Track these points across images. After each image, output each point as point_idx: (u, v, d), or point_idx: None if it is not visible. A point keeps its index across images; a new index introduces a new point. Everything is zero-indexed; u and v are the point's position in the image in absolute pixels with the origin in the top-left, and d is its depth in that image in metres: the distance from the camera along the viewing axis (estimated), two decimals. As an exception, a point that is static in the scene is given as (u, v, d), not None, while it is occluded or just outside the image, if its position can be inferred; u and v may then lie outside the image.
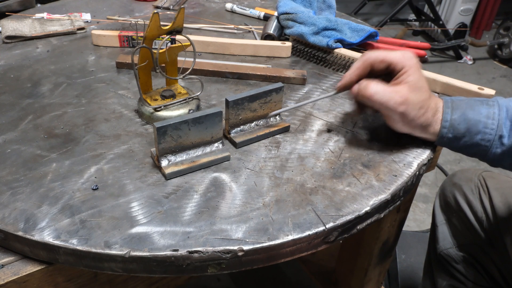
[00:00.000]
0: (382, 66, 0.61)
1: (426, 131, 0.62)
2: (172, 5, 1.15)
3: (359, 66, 0.61)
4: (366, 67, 0.61)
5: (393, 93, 0.58)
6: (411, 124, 0.60)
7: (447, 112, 0.60)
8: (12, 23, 0.94)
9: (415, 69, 0.59)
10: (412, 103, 0.58)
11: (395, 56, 0.60)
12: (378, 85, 0.59)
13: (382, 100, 0.58)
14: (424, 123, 0.60)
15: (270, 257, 0.50)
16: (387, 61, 0.60)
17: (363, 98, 0.60)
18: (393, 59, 0.60)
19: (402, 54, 0.60)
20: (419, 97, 0.59)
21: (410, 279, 1.35)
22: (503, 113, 0.60)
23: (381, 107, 0.59)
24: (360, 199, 0.55)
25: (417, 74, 0.59)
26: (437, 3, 3.24)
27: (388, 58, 0.60)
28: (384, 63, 0.60)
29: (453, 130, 0.60)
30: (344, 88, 0.63)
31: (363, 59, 0.61)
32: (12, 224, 0.49)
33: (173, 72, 0.71)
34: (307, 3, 0.98)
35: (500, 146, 0.60)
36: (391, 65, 0.60)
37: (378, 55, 0.61)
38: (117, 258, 0.47)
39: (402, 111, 0.58)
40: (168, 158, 0.58)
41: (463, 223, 0.93)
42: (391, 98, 0.58)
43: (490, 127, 0.59)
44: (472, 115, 0.60)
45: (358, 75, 0.61)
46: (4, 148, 0.61)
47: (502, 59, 3.05)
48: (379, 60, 0.60)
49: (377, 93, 0.58)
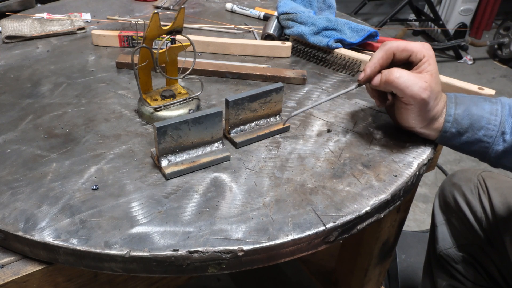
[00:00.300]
0: (403, 55, 0.61)
1: (431, 125, 0.62)
2: (172, 5, 1.15)
3: (382, 55, 0.60)
4: (388, 56, 0.61)
5: (417, 79, 0.58)
6: (426, 114, 0.60)
7: (451, 107, 0.61)
8: (12, 23, 0.94)
9: (433, 59, 0.60)
10: (433, 91, 0.58)
11: (416, 46, 0.60)
12: (402, 70, 0.59)
13: (407, 83, 0.57)
14: (436, 115, 0.61)
15: (270, 257, 0.50)
16: (408, 50, 0.60)
17: (387, 83, 0.59)
18: (414, 48, 0.60)
19: (422, 44, 0.61)
20: (437, 86, 0.59)
21: (410, 279, 1.35)
22: (505, 110, 0.60)
23: (405, 91, 0.58)
24: (360, 199, 0.55)
25: (435, 64, 0.60)
26: (437, 3, 3.24)
27: (410, 47, 0.60)
28: (405, 52, 0.60)
29: (456, 124, 0.60)
30: (367, 79, 0.62)
31: (385, 48, 0.61)
32: (12, 224, 0.49)
33: (173, 72, 0.71)
34: (307, 3, 0.98)
35: (502, 143, 0.60)
36: (412, 54, 0.60)
37: (400, 44, 0.60)
38: (117, 258, 0.47)
39: (425, 97, 0.58)
40: (168, 158, 0.58)
41: (463, 223, 0.94)
42: (416, 83, 0.58)
43: (493, 123, 0.60)
44: (475, 110, 0.60)
45: (381, 64, 0.61)
46: (4, 148, 0.61)
47: (502, 59, 3.05)
48: (400, 49, 0.60)
49: (402, 76, 0.58)
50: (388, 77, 0.58)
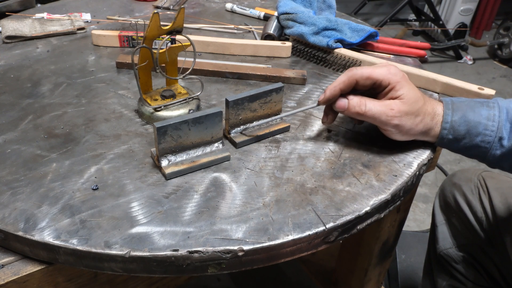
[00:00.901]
0: (367, 83, 0.61)
1: (427, 135, 0.62)
2: (172, 5, 1.15)
3: (344, 80, 0.61)
4: (351, 82, 0.61)
5: (384, 107, 0.59)
6: (410, 133, 0.60)
7: (448, 114, 0.60)
8: (12, 23, 0.94)
9: (402, 82, 0.60)
10: (406, 114, 0.59)
11: (380, 73, 0.60)
12: (370, 101, 0.59)
13: (376, 115, 0.59)
14: (424, 129, 0.61)
15: (270, 257, 0.50)
16: (373, 78, 0.60)
17: (356, 114, 0.60)
18: (378, 76, 0.60)
19: (388, 70, 0.60)
20: (412, 107, 0.59)
21: (410, 279, 1.35)
22: (503, 115, 0.60)
23: (376, 122, 0.60)
24: (360, 199, 0.55)
25: (405, 86, 0.60)
26: (437, 3, 3.24)
27: (374, 75, 0.60)
28: (369, 80, 0.60)
29: (453, 131, 0.60)
30: (326, 101, 0.62)
31: (348, 75, 0.60)
32: (12, 224, 0.49)
33: (173, 72, 0.71)
34: (307, 3, 0.98)
35: (500, 148, 0.60)
36: (376, 82, 0.60)
37: (364, 72, 0.60)
38: (117, 258, 0.47)
39: (396, 123, 0.59)
40: (168, 158, 0.58)
41: (463, 223, 0.94)
42: (383, 112, 0.58)
43: (490, 129, 0.59)
44: (472, 116, 0.60)
45: (341, 89, 0.61)
46: (4, 148, 0.61)
47: (502, 59, 3.05)
48: (364, 77, 0.60)
49: (370, 109, 0.59)
50: (357, 111, 0.59)
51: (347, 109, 0.60)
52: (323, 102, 0.62)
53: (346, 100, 0.60)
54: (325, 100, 0.62)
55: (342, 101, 0.61)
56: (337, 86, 0.61)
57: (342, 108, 0.61)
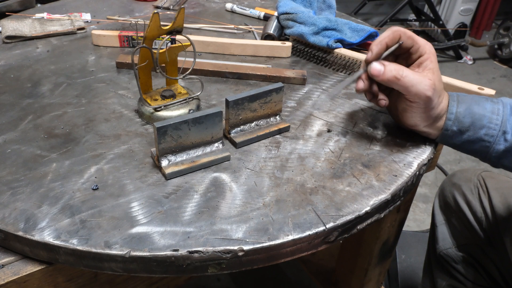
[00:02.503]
0: (408, 43, 0.61)
1: (434, 124, 0.62)
2: (172, 5, 1.15)
3: (389, 35, 0.60)
4: (395, 37, 0.60)
5: (421, 77, 0.58)
6: (430, 112, 0.60)
7: (453, 105, 0.61)
8: (12, 23, 0.94)
9: (435, 57, 0.61)
10: (436, 89, 0.59)
11: (421, 40, 0.61)
12: (406, 69, 0.58)
13: (412, 82, 0.57)
14: (439, 114, 0.61)
15: (270, 257, 0.50)
16: (414, 40, 0.60)
17: (392, 80, 0.58)
18: (419, 41, 0.61)
19: (425, 41, 0.61)
20: (440, 85, 0.60)
21: (410, 279, 1.35)
22: (507, 110, 0.60)
23: (410, 90, 0.58)
24: (360, 199, 0.55)
25: (436, 63, 0.60)
26: (437, 3, 3.24)
27: (416, 38, 0.61)
28: (410, 40, 0.60)
29: (458, 123, 0.60)
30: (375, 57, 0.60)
31: (393, 30, 0.60)
32: (12, 224, 0.49)
33: (173, 72, 0.71)
34: (307, 3, 0.98)
35: (504, 143, 0.60)
36: (415, 46, 0.60)
37: (407, 31, 0.60)
38: (117, 258, 0.47)
39: (430, 94, 0.58)
40: (168, 158, 0.58)
41: (463, 223, 0.94)
42: (421, 81, 0.58)
43: (494, 122, 0.60)
44: (477, 109, 0.60)
45: (387, 43, 0.60)
46: (4, 148, 0.61)
47: (502, 59, 3.05)
48: (407, 35, 0.60)
49: (407, 75, 0.57)
50: (394, 75, 0.58)
51: (383, 73, 0.58)
52: (372, 58, 0.60)
53: (382, 65, 0.59)
54: (373, 56, 0.60)
55: (377, 65, 0.59)
56: (383, 40, 0.60)
57: (377, 72, 0.59)
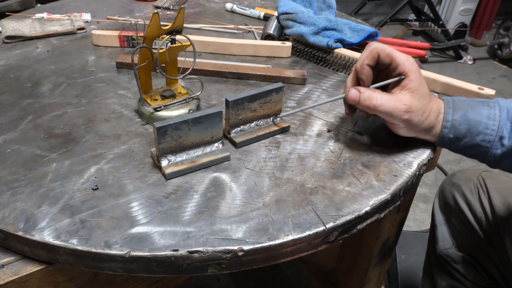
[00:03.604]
0: (386, 60, 0.60)
1: (429, 133, 0.62)
2: (172, 5, 1.15)
3: (366, 55, 0.61)
4: (374, 55, 0.60)
5: (396, 102, 0.58)
6: (415, 129, 0.60)
7: (449, 113, 0.60)
8: (12, 23, 0.94)
9: (417, 74, 0.59)
10: (415, 110, 0.58)
11: (400, 57, 0.60)
12: (381, 96, 0.58)
13: (387, 110, 0.58)
14: (428, 126, 0.61)
15: (270, 257, 0.50)
16: (392, 58, 0.60)
17: (368, 108, 0.59)
18: (397, 59, 0.60)
19: (406, 57, 0.60)
20: (421, 102, 0.59)
21: (410, 279, 1.35)
22: (503, 114, 0.60)
23: (386, 116, 0.59)
24: (360, 199, 0.55)
25: (418, 79, 0.59)
26: (437, 3, 3.24)
27: (395, 56, 0.60)
28: (389, 58, 0.60)
29: (454, 130, 0.60)
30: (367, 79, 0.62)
31: (369, 49, 0.61)
32: (12, 224, 0.49)
33: (173, 72, 0.71)
34: (307, 3, 0.98)
35: (500, 147, 0.60)
36: (393, 63, 0.60)
37: (385, 48, 0.60)
38: (117, 258, 0.47)
39: (406, 118, 0.58)
40: (168, 158, 0.58)
41: (463, 223, 0.94)
42: (396, 107, 0.58)
43: (491, 128, 0.59)
44: (473, 115, 0.60)
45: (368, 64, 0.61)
46: (4, 148, 0.61)
47: (502, 59, 3.05)
48: (385, 53, 0.60)
49: (381, 104, 0.58)
50: (368, 104, 0.59)
51: (358, 102, 0.59)
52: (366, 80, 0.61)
53: (358, 92, 0.59)
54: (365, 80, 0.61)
55: (354, 93, 0.60)
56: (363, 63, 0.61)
57: (353, 100, 0.60)
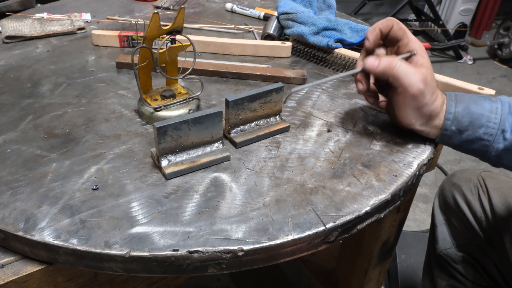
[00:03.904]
0: (399, 34, 0.62)
1: (431, 123, 0.62)
2: (172, 5, 1.15)
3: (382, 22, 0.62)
4: (388, 25, 0.62)
5: (415, 69, 0.59)
6: (423, 109, 0.60)
7: (451, 105, 0.61)
8: (12, 23, 0.94)
9: (426, 54, 0.62)
10: (429, 85, 0.59)
11: (411, 35, 0.62)
12: (401, 60, 0.59)
13: (406, 72, 0.58)
14: (434, 112, 0.61)
15: (270, 257, 0.50)
16: (405, 33, 0.62)
17: (386, 70, 0.59)
18: (410, 36, 0.62)
19: (416, 38, 0.63)
20: (433, 81, 0.60)
21: (410, 279, 1.35)
22: (505, 108, 0.60)
23: (403, 80, 0.58)
24: (360, 199, 0.55)
25: (428, 59, 0.61)
26: (437, 3, 3.24)
27: (407, 32, 0.62)
28: (402, 31, 0.62)
29: (456, 122, 0.61)
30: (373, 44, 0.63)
31: (386, 18, 0.62)
32: (12, 224, 0.49)
33: (173, 72, 0.71)
34: (307, 3, 0.98)
35: (503, 141, 0.60)
36: (405, 39, 0.62)
37: (400, 23, 0.62)
38: (117, 258, 0.47)
39: (421, 87, 0.58)
40: (168, 158, 0.58)
41: (463, 223, 0.94)
42: (414, 73, 0.58)
43: (493, 121, 0.60)
44: (475, 108, 0.60)
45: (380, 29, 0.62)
46: (4, 148, 0.61)
47: (502, 59, 3.05)
48: (399, 26, 0.62)
49: (400, 65, 0.58)
50: (388, 64, 0.59)
51: (378, 65, 0.59)
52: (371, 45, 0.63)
53: (376, 58, 0.60)
54: (371, 43, 0.63)
55: (372, 59, 0.60)
56: (376, 27, 0.62)
57: (372, 65, 0.60)
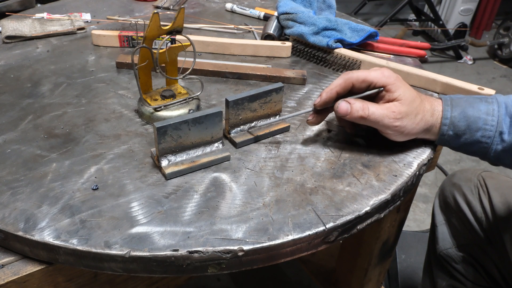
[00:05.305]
0: (363, 86, 0.61)
1: (428, 132, 0.62)
2: (172, 5, 1.15)
3: (340, 83, 0.61)
4: (347, 85, 0.61)
5: (385, 110, 0.59)
6: (412, 132, 0.61)
7: (447, 110, 0.61)
8: (12, 23, 0.94)
9: (397, 84, 0.60)
10: (406, 115, 0.59)
11: (375, 76, 0.60)
12: (371, 105, 0.59)
13: (378, 118, 0.59)
14: (425, 127, 0.61)
15: (270, 257, 0.50)
16: (368, 81, 0.60)
17: (359, 118, 0.59)
18: (373, 79, 0.60)
19: (381, 72, 0.61)
20: (411, 106, 0.59)
21: (410, 279, 1.35)
22: (502, 109, 0.60)
23: (378, 125, 0.60)
24: (360, 199, 0.55)
25: (401, 87, 0.60)
26: (437, 3, 3.24)
27: (369, 78, 0.60)
28: (365, 83, 0.61)
29: (453, 127, 0.61)
30: (323, 104, 0.62)
31: (344, 78, 0.61)
32: (12, 224, 0.49)
33: (173, 72, 0.71)
34: (307, 3, 0.98)
35: (501, 143, 0.60)
36: (371, 85, 0.61)
37: (359, 75, 0.61)
38: (117, 258, 0.47)
39: (397, 124, 0.59)
40: (168, 158, 0.58)
41: (463, 223, 0.94)
42: (386, 115, 0.59)
43: (490, 124, 0.60)
44: (471, 112, 0.60)
45: (337, 92, 0.61)
46: (4, 148, 0.61)
47: (502, 59, 3.05)
48: (360, 80, 0.61)
49: (373, 113, 0.58)
50: (360, 114, 0.59)
51: (349, 113, 0.59)
52: (320, 105, 0.62)
53: (348, 104, 0.60)
54: (321, 103, 0.62)
55: (344, 105, 0.60)
56: (333, 88, 0.61)
57: (344, 112, 0.60)
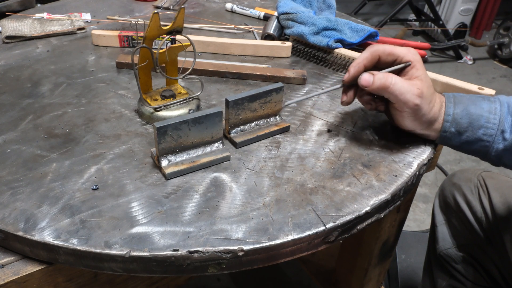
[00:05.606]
0: (389, 59, 0.61)
1: (431, 127, 0.62)
2: (172, 5, 1.15)
3: (367, 56, 0.61)
4: (374, 58, 0.61)
5: (410, 85, 0.58)
6: (422, 119, 0.60)
7: (450, 107, 0.61)
8: (12, 23, 0.94)
9: (420, 64, 0.61)
10: (425, 96, 0.59)
11: (401, 51, 0.61)
12: (396, 77, 0.58)
13: (401, 90, 0.58)
14: (432, 118, 0.61)
15: (270, 257, 0.50)
16: (394, 55, 0.61)
17: (381, 88, 0.58)
18: (400, 53, 0.61)
19: (408, 49, 0.61)
20: (429, 91, 0.60)
21: (410, 279, 1.35)
22: (504, 108, 0.60)
23: (399, 98, 0.58)
24: (360, 199, 0.55)
25: (423, 69, 0.61)
26: (437, 3, 3.24)
27: (396, 52, 0.61)
28: (391, 56, 0.61)
29: (455, 124, 0.61)
30: (351, 79, 0.61)
31: (371, 50, 0.61)
32: (12, 224, 0.49)
33: (173, 72, 0.71)
34: (307, 3, 0.98)
35: (502, 142, 0.60)
36: (398, 59, 0.61)
37: (386, 48, 0.61)
38: (117, 258, 0.47)
39: (418, 102, 0.58)
40: (168, 158, 0.58)
41: (463, 223, 0.94)
42: (409, 90, 0.58)
43: (492, 122, 0.60)
44: (474, 109, 0.60)
45: (365, 65, 0.61)
46: (4, 148, 0.61)
47: (502, 59, 3.05)
48: (387, 52, 0.61)
49: (396, 83, 0.58)
50: (383, 83, 0.58)
51: (372, 82, 0.58)
52: (349, 80, 0.62)
53: (371, 75, 0.59)
54: (350, 78, 0.61)
55: (367, 76, 0.59)
56: (360, 62, 0.61)
57: (367, 83, 0.59)
